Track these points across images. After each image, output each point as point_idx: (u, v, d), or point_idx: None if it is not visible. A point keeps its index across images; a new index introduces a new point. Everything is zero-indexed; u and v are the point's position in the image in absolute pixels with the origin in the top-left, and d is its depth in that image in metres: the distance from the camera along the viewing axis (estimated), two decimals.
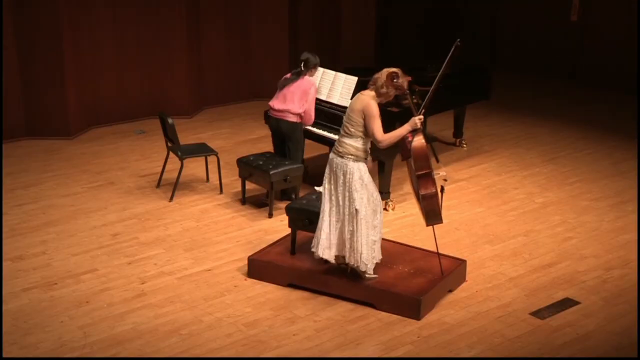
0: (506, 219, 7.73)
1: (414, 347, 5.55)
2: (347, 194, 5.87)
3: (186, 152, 8.14)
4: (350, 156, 5.85)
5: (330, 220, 6.00)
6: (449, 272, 6.25)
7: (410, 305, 5.88)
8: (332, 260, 6.07)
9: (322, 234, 6.01)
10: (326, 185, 6.00)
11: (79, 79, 10.05)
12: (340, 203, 5.91)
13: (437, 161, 6.27)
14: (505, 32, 13.90)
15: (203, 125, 10.69)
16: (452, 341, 5.63)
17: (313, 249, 6.11)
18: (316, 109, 7.99)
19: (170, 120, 7.95)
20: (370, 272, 6.06)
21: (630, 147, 9.87)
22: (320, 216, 6.05)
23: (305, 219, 6.36)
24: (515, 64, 13.67)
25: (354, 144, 5.86)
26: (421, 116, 5.96)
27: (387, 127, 7.59)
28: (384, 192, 7.83)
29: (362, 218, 5.86)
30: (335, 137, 7.68)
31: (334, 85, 8.01)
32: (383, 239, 6.78)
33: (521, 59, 13.65)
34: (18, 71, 9.61)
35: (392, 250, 6.58)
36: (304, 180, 8.03)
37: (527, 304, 6.15)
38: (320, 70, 8.16)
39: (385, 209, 7.81)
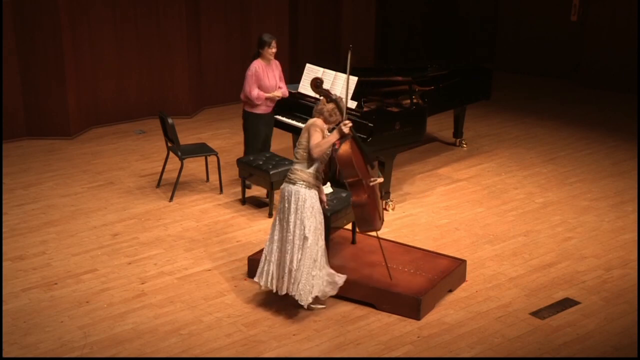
0: (506, 219, 7.73)
1: (414, 347, 5.55)
2: (297, 221, 5.74)
3: (186, 152, 8.14)
4: (302, 182, 5.76)
5: (278, 250, 5.88)
6: (449, 272, 6.25)
7: (410, 305, 5.88)
8: (275, 290, 5.93)
9: (271, 265, 5.88)
10: (278, 215, 5.87)
11: (79, 79, 10.05)
12: (291, 230, 5.75)
13: (372, 167, 6.03)
14: (505, 32, 13.90)
15: (203, 125, 10.69)
16: (452, 341, 5.63)
17: (256, 279, 5.98)
18: None
19: (170, 120, 7.95)
20: (310, 303, 5.91)
21: (630, 147, 9.87)
22: (270, 246, 5.91)
23: None
24: (515, 64, 13.67)
25: (305, 169, 5.78)
26: (347, 122, 5.70)
27: (387, 127, 7.66)
28: (384, 192, 7.83)
29: (309, 247, 5.73)
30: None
31: (334, 86, 8.00)
32: (383, 239, 6.80)
33: (521, 59, 13.65)
34: (18, 71, 9.61)
35: (392, 250, 6.59)
36: None
37: (527, 304, 6.14)
38: (321, 70, 8.17)
39: (385, 209, 7.82)
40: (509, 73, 13.33)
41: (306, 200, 5.73)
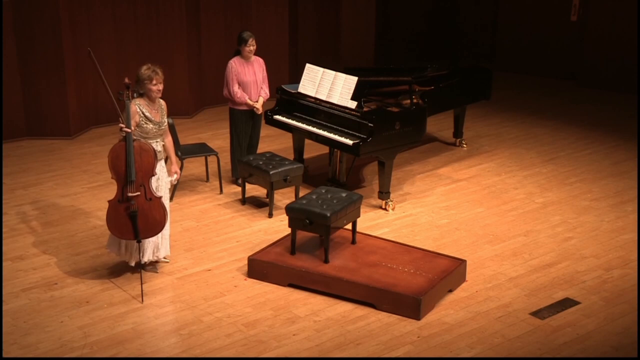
0: (506, 219, 7.73)
1: (414, 347, 5.55)
2: None
3: (186, 152, 8.14)
4: None
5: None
6: (449, 272, 6.25)
7: (410, 305, 5.88)
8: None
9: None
10: None
11: (79, 79, 10.05)
12: None
13: (132, 182, 6.21)
14: (505, 32, 13.90)
15: (203, 125, 10.69)
16: (452, 341, 5.63)
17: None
18: (316, 109, 8.01)
19: (170, 120, 7.93)
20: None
21: (630, 147, 9.87)
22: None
23: (305, 219, 6.36)
24: (515, 64, 13.68)
25: None
26: (122, 125, 6.18)
27: (387, 127, 7.65)
28: (384, 192, 7.83)
29: None
30: (336, 137, 7.72)
31: (334, 85, 8.00)
32: (382, 239, 6.81)
33: (521, 59, 13.65)
34: (18, 71, 9.61)
35: (392, 250, 6.59)
36: (304, 180, 8.03)
37: (527, 304, 6.15)
38: (320, 70, 8.16)
39: (385, 208, 7.82)
40: (509, 73, 13.33)
41: None
